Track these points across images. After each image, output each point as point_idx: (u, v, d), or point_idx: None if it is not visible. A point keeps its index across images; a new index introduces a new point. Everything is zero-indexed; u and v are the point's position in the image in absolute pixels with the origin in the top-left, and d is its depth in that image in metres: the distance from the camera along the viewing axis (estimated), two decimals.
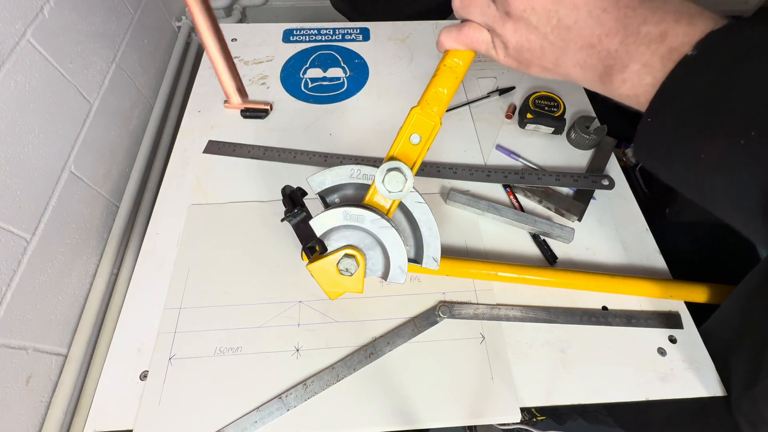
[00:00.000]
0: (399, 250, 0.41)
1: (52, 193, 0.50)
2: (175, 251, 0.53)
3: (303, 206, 0.41)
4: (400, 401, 0.43)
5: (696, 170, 0.25)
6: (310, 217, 0.41)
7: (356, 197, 0.43)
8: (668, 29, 0.24)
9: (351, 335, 0.47)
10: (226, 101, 0.65)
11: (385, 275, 0.43)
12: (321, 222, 0.40)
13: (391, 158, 0.38)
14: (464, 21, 0.33)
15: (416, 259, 0.44)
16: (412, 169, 0.38)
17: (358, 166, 0.41)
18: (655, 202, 0.57)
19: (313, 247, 0.41)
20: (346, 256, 0.41)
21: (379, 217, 0.39)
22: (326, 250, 0.42)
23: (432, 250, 0.43)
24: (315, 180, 0.42)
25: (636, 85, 0.25)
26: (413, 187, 0.41)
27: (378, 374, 0.45)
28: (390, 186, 0.38)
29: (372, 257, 0.43)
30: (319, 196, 0.43)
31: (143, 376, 0.45)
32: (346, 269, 0.41)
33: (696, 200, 0.27)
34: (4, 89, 0.44)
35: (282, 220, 0.41)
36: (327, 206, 0.43)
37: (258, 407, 0.43)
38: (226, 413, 0.42)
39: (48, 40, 0.50)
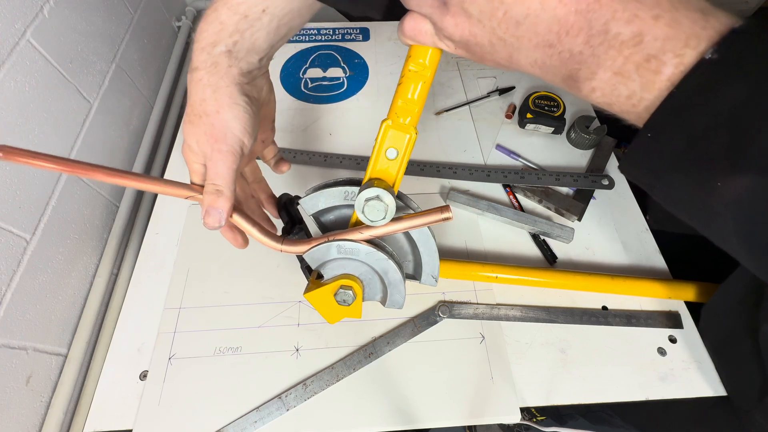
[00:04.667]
0: (397, 280, 0.40)
1: (52, 193, 0.50)
2: (175, 251, 0.53)
3: (301, 222, 0.40)
4: (400, 401, 0.43)
5: (705, 198, 0.20)
6: (309, 235, 0.40)
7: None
8: (644, 29, 0.19)
9: (351, 335, 0.47)
10: None
11: (383, 300, 0.43)
12: (314, 257, 0.38)
13: (370, 180, 0.35)
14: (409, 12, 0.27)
15: (415, 276, 0.43)
16: (393, 185, 0.34)
17: (353, 187, 0.38)
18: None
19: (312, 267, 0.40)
20: (343, 287, 0.39)
21: (373, 250, 0.37)
22: (323, 277, 0.40)
23: (430, 268, 0.42)
24: (308, 203, 0.39)
25: (608, 94, 0.21)
26: (412, 204, 0.40)
27: (378, 374, 0.45)
28: (371, 216, 0.34)
29: (370, 284, 0.42)
30: (314, 217, 0.41)
31: (143, 376, 0.45)
32: (344, 300, 0.39)
33: (691, 222, 0.23)
34: (4, 89, 0.44)
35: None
36: (322, 226, 0.41)
37: (258, 407, 0.43)
38: (226, 413, 0.42)
39: (48, 40, 0.50)
